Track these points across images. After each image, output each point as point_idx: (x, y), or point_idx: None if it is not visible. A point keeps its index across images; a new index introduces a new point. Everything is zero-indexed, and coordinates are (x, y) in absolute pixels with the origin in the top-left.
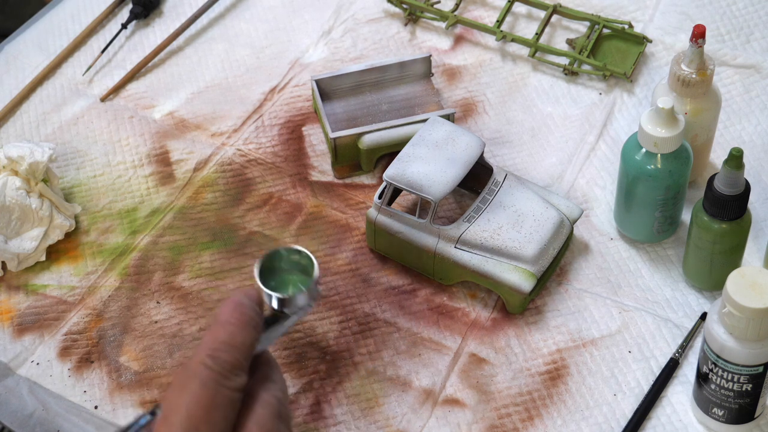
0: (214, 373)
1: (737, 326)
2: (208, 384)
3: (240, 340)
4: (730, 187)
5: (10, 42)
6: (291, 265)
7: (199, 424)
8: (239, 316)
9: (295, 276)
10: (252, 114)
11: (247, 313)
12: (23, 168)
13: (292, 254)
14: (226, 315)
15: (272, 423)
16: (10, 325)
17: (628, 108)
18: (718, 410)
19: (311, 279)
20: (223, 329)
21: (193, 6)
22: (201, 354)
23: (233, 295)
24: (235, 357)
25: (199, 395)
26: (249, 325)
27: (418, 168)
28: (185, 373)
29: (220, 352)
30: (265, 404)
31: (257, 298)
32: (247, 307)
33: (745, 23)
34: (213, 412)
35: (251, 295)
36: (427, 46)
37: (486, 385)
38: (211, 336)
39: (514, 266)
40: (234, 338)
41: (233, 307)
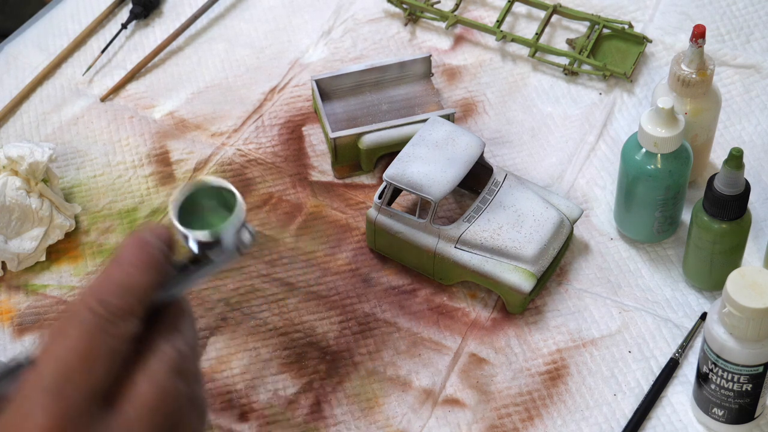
0: (99, 318)
1: (737, 326)
2: (90, 329)
3: (136, 283)
4: (730, 187)
5: (10, 42)
6: (215, 204)
7: (72, 374)
8: (141, 256)
9: (219, 215)
10: (252, 114)
11: (151, 252)
12: (23, 168)
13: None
14: (126, 254)
15: (169, 379)
16: (10, 325)
17: (628, 108)
18: (718, 410)
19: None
20: (120, 269)
21: (193, 6)
22: (88, 296)
23: (137, 231)
24: (127, 301)
25: (77, 341)
26: (150, 267)
27: (418, 168)
28: (67, 316)
29: (110, 295)
30: (162, 357)
31: (166, 237)
32: (152, 247)
33: (745, 23)
34: (91, 361)
35: (160, 234)
36: (427, 46)
37: (486, 385)
38: (104, 276)
39: (514, 266)
40: (130, 280)
41: (136, 245)
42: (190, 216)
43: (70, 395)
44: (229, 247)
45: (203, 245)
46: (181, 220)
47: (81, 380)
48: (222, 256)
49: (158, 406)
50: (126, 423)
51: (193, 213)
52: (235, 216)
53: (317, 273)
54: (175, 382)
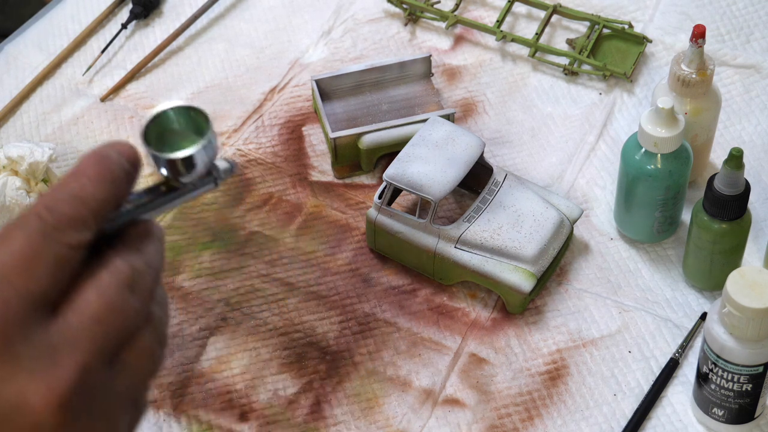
0: (46, 224)
1: (737, 326)
2: (35, 234)
3: (90, 194)
4: (730, 187)
5: (10, 42)
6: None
7: (12, 277)
8: (98, 168)
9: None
10: (252, 114)
11: (110, 166)
12: (23, 168)
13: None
14: (83, 166)
15: (117, 292)
16: None
17: (628, 108)
18: (718, 410)
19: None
20: (74, 180)
21: (193, 6)
22: (38, 204)
23: (99, 146)
24: (78, 210)
25: (21, 245)
26: (108, 180)
27: (418, 168)
28: (14, 222)
29: (61, 203)
30: (113, 270)
31: (129, 154)
32: (112, 161)
33: (745, 23)
34: (33, 265)
35: (123, 150)
36: (427, 46)
37: (486, 385)
38: (57, 186)
39: (514, 266)
40: (83, 191)
41: (95, 158)
42: (164, 144)
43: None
44: (201, 171)
45: (175, 169)
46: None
47: (20, 283)
48: (194, 182)
49: (103, 318)
50: (67, 330)
51: (166, 140)
52: (206, 137)
53: (317, 273)
54: (125, 297)
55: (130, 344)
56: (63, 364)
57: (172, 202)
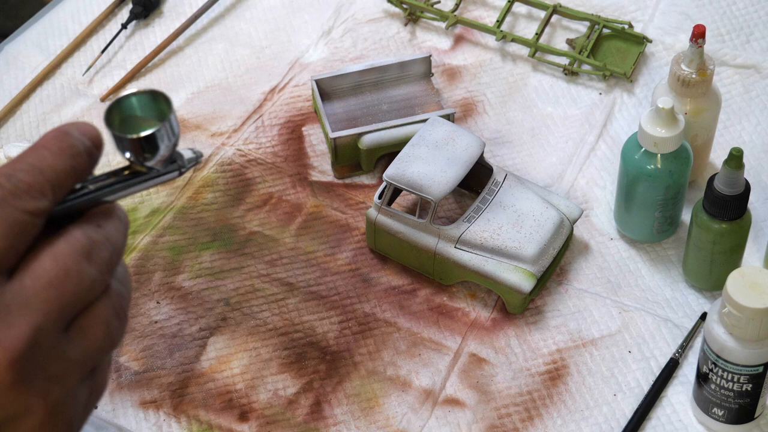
0: (3, 190)
1: (737, 326)
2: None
3: (49, 165)
4: (730, 187)
5: (10, 42)
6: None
7: None
8: (58, 143)
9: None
10: (252, 114)
11: (71, 142)
12: None
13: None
14: (44, 140)
15: (74, 259)
16: None
17: (628, 108)
18: (718, 410)
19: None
20: (34, 152)
21: (193, 6)
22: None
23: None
24: (36, 179)
25: None
26: (67, 154)
27: (418, 168)
28: None
29: (20, 172)
30: (69, 239)
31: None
32: (72, 138)
33: (745, 23)
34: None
35: (83, 129)
36: (427, 46)
37: (486, 385)
38: (17, 158)
39: (514, 266)
40: (42, 162)
41: (56, 134)
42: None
43: None
44: (164, 154)
45: (137, 150)
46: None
47: None
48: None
49: (58, 283)
50: (21, 292)
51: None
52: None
53: (317, 273)
54: (80, 264)
55: (86, 313)
56: (16, 324)
57: (136, 186)
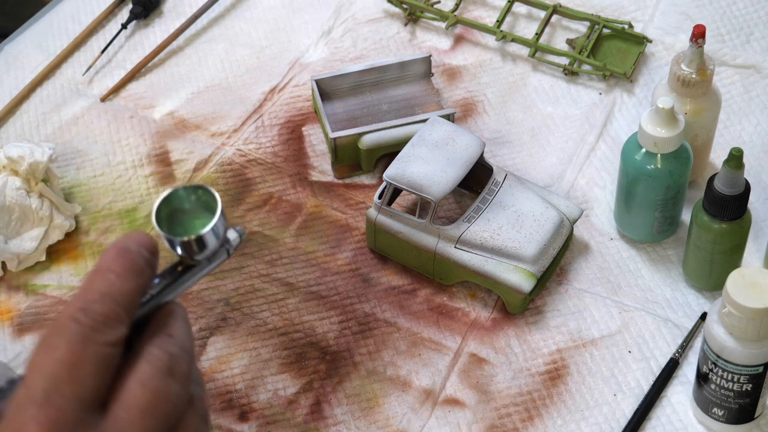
0: (84, 327)
1: (737, 326)
2: (75, 339)
3: (118, 289)
4: (730, 187)
5: (10, 42)
6: (197, 207)
7: (61, 385)
8: (122, 262)
9: (202, 218)
10: (252, 114)
11: (133, 259)
12: (23, 168)
13: (193, 194)
14: (107, 262)
15: (159, 380)
16: (10, 325)
17: (628, 108)
18: (718, 410)
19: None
20: (101, 278)
21: (193, 6)
22: (72, 307)
23: (118, 240)
24: (111, 307)
25: (64, 352)
26: (133, 273)
27: (418, 168)
28: (52, 328)
29: (93, 303)
30: (150, 359)
31: (148, 243)
32: (133, 253)
33: (745, 23)
34: (78, 369)
35: (141, 241)
36: (427, 46)
37: (486, 385)
38: (86, 286)
39: (514, 266)
40: (112, 287)
41: (116, 253)
42: (175, 223)
43: (59, 405)
44: (214, 247)
45: (189, 249)
46: (168, 229)
47: (69, 390)
48: (209, 257)
49: (150, 408)
50: (119, 426)
51: (177, 219)
52: (216, 217)
53: (317, 273)
54: (166, 383)
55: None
56: None
57: (191, 280)
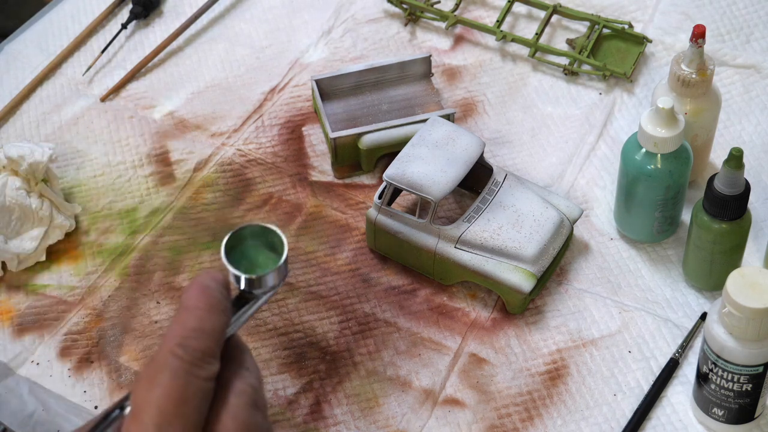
0: (185, 362)
1: (737, 326)
2: (179, 374)
3: (210, 326)
4: (730, 187)
5: (10, 42)
6: (258, 243)
7: (171, 419)
8: (207, 299)
9: (263, 254)
10: (252, 114)
11: (215, 296)
12: (23, 168)
13: (259, 232)
14: (193, 300)
15: (248, 413)
16: (10, 325)
17: (628, 108)
18: (718, 410)
19: (280, 257)
20: (192, 315)
21: (193, 6)
22: (170, 343)
23: (198, 278)
24: (206, 344)
25: (170, 388)
26: (218, 309)
27: (418, 168)
28: (154, 364)
29: (189, 339)
30: (239, 393)
31: (223, 281)
32: (214, 290)
33: (745, 23)
34: (185, 404)
35: (217, 278)
36: (427, 46)
37: (486, 385)
38: (179, 323)
39: (514, 266)
40: (203, 324)
41: (199, 290)
42: (235, 256)
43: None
44: (276, 284)
45: (253, 285)
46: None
47: (179, 423)
48: (270, 291)
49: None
50: None
51: (234, 248)
52: (283, 258)
53: (317, 273)
54: (254, 415)
55: None
56: None
57: (248, 314)
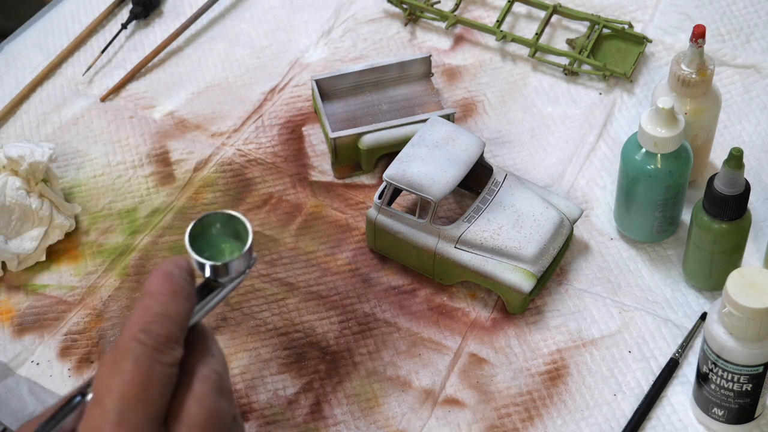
0: (148, 348)
1: (737, 326)
2: (142, 360)
3: (174, 311)
4: (730, 187)
5: (10, 42)
6: (223, 231)
7: (134, 404)
8: (170, 286)
9: (229, 242)
10: (252, 114)
11: (179, 282)
12: (23, 168)
13: (224, 219)
14: (156, 286)
15: (213, 398)
16: (10, 325)
17: (628, 108)
18: (718, 410)
19: (245, 244)
20: (155, 301)
21: (193, 6)
22: (133, 328)
23: (161, 265)
24: (170, 329)
25: (133, 373)
26: (181, 295)
27: (418, 168)
28: (117, 349)
29: (153, 324)
30: (203, 379)
31: (188, 268)
32: (178, 277)
33: (745, 23)
34: (148, 390)
35: (181, 265)
36: (427, 46)
37: (486, 385)
38: (141, 309)
39: (514, 266)
40: (167, 309)
41: (163, 277)
42: (201, 245)
43: (135, 424)
44: (241, 271)
45: (218, 272)
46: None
47: (142, 409)
48: (236, 280)
49: (207, 425)
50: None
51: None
52: (248, 244)
53: (317, 273)
54: (219, 401)
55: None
56: None
57: (214, 302)
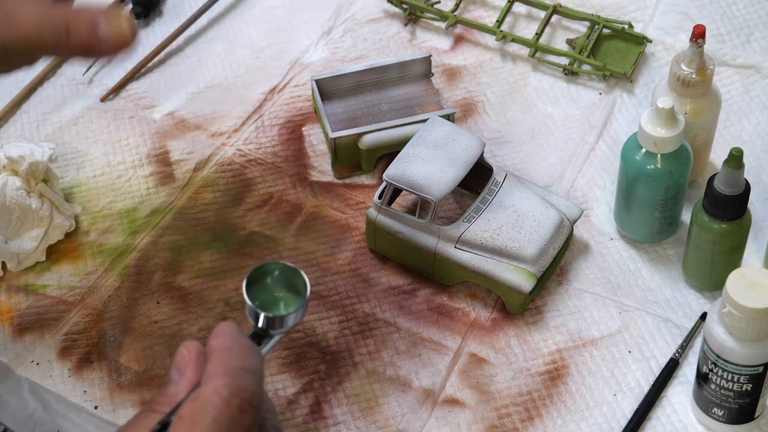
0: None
1: (737, 326)
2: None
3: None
4: (730, 187)
5: None
6: (279, 281)
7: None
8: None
9: (282, 292)
10: (252, 114)
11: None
12: (23, 168)
13: (282, 269)
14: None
15: None
16: (10, 325)
17: (628, 108)
18: (718, 410)
19: (302, 299)
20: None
21: (193, 6)
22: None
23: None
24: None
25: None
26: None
27: (418, 168)
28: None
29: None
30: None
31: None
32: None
33: (745, 23)
34: None
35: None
36: (427, 46)
37: (486, 385)
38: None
39: (514, 266)
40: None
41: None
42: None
43: None
44: (292, 326)
45: (272, 324)
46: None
47: None
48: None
49: None
50: None
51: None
52: (306, 300)
53: (317, 273)
54: None
55: None
56: None
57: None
